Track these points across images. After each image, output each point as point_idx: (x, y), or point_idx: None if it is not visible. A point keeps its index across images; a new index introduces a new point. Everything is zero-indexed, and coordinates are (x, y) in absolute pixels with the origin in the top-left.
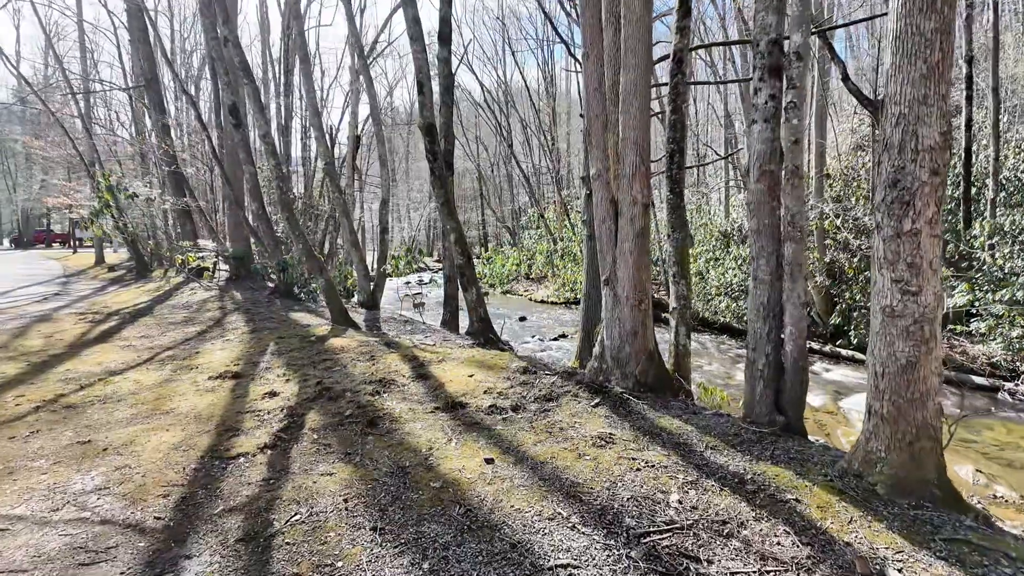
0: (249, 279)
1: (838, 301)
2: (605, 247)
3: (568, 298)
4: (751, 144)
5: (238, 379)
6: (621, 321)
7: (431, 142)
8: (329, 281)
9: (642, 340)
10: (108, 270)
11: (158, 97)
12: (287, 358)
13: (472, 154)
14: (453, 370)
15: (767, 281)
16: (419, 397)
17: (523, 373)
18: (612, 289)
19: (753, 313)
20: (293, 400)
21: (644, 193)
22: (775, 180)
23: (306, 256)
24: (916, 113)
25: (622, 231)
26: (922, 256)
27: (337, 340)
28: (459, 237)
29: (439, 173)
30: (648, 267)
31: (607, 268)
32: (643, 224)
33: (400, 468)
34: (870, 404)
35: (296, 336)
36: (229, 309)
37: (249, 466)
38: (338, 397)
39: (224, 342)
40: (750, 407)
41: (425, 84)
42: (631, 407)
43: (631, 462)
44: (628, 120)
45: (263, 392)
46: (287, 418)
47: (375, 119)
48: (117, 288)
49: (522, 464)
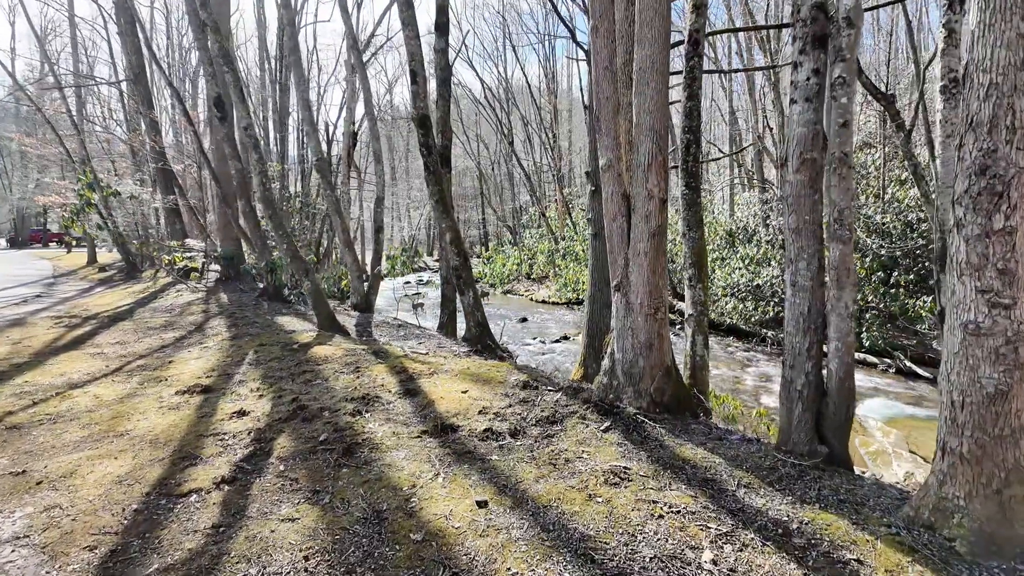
0: (239, 280)
1: None
2: (616, 248)
3: (570, 298)
4: (789, 128)
5: (207, 394)
6: (634, 332)
7: (425, 135)
8: (316, 284)
9: (658, 354)
10: (99, 270)
11: (146, 92)
12: (265, 369)
13: (472, 152)
14: (445, 384)
15: (808, 288)
16: (405, 418)
17: (523, 388)
18: (624, 296)
19: (791, 325)
20: (264, 421)
21: (661, 186)
22: (817, 170)
23: (291, 257)
24: (1012, 82)
25: (635, 230)
26: (1017, 260)
27: (322, 348)
28: (455, 237)
29: (433, 168)
30: (665, 271)
31: (618, 272)
32: (660, 222)
33: (376, 512)
34: (944, 440)
35: (278, 343)
36: (213, 313)
37: (200, 507)
38: (314, 417)
39: (201, 350)
40: (786, 433)
41: (418, 73)
42: (647, 432)
43: (651, 506)
44: (643, 102)
45: (232, 411)
46: (254, 443)
47: (369, 114)
48: (103, 289)
49: (521, 508)
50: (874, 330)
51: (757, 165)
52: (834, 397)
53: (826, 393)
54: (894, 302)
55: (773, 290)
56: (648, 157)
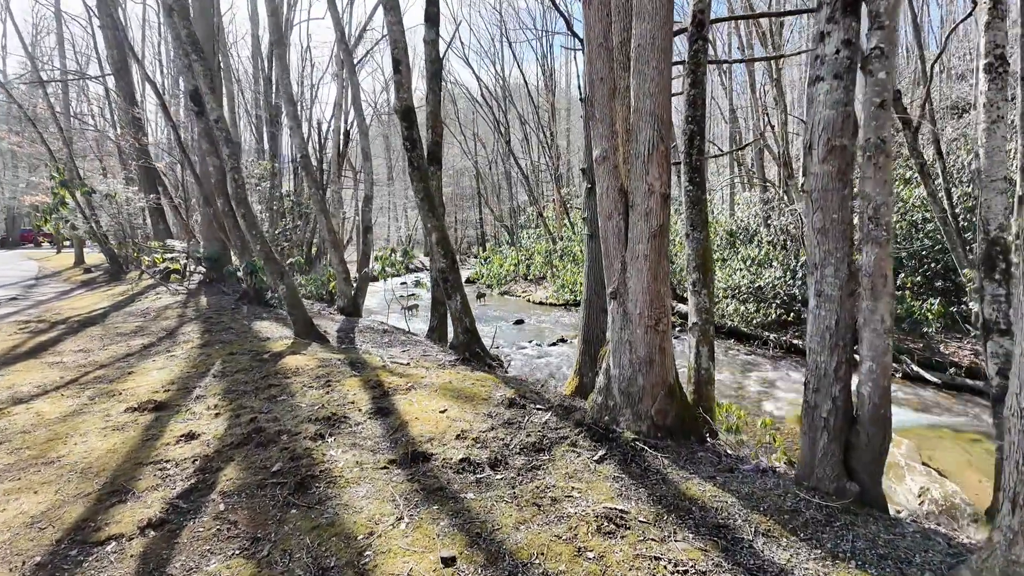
0: (223, 282)
1: None
2: (612, 250)
3: (568, 300)
4: (813, 111)
5: (160, 412)
6: (632, 346)
7: (408, 128)
8: (292, 288)
9: (660, 371)
10: (84, 272)
11: (128, 87)
12: (229, 382)
13: (470, 151)
14: (422, 402)
15: (836, 298)
16: (373, 443)
17: (508, 407)
18: (621, 304)
19: (815, 341)
20: (214, 445)
21: (663, 180)
22: (847, 159)
23: (264, 259)
24: None
25: (634, 229)
26: None
27: (294, 358)
28: (441, 237)
29: (418, 164)
30: (667, 276)
31: (614, 277)
32: (661, 220)
33: (321, 571)
34: (1015, 490)
35: (249, 352)
36: (189, 317)
37: (116, 560)
38: (270, 442)
39: (167, 359)
40: (809, 466)
41: (402, 61)
42: (647, 462)
43: (653, 564)
44: (643, 84)
45: (181, 433)
46: (197, 474)
47: (357, 110)
48: (83, 292)
49: (496, 566)
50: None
51: (758, 164)
52: (866, 426)
53: (856, 421)
54: (900, 304)
55: (775, 292)
56: (648, 146)
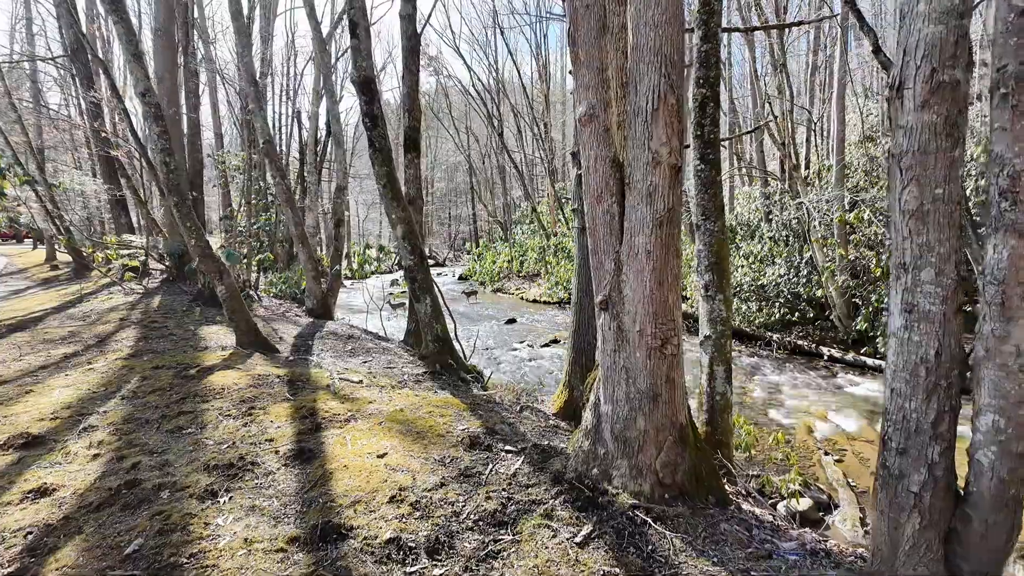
0: (184, 281)
1: (860, 304)
2: (602, 244)
3: (562, 298)
4: (907, 26)
5: (27, 450)
6: (630, 374)
7: (368, 103)
8: (232, 290)
9: (667, 409)
10: (51, 268)
11: (86, 69)
12: (136, 406)
13: (463, 145)
14: (361, 440)
15: (938, 316)
16: (279, 505)
17: (470, 448)
18: (614, 318)
19: (901, 378)
20: (67, 507)
21: (673, 145)
22: (960, 103)
23: (200, 256)
24: None
25: (632, 216)
26: None
27: (224, 375)
28: (408, 230)
29: (379, 144)
30: (677, 279)
31: (605, 281)
32: (670, 202)
33: None
34: None
35: (176, 367)
36: (132, 321)
37: None
38: (143, 501)
39: (83, 372)
40: (888, 559)
41: (359, 24)
42: (650, 544)
43: None
44: (644, 11)
45: (34, 486)
46: (19, 559)
47: (328, 92)
48: (38, 290)
49: None
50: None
51: (759, 156)
52: (984, 510)
53: (966, 500)
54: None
55: (779, 290)
56: (651, 99)
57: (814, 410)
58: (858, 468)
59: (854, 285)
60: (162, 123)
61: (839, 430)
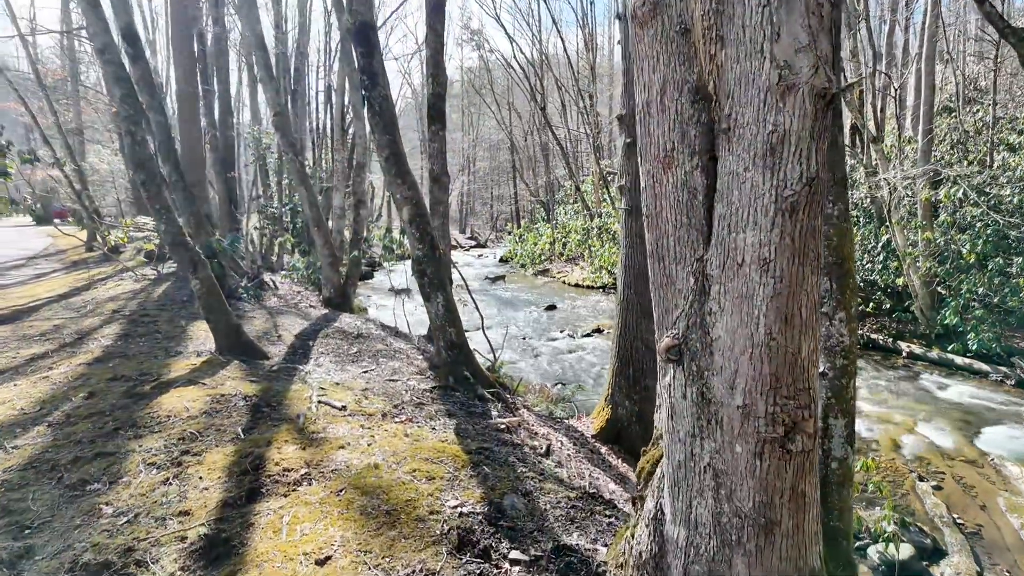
0: None
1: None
2: (671, 243)
3: (606, 283)
4: None
5: None
6: (723, 482)
7: (366, 55)
8: (208, 284)
9: (789, 545)
10: (87, 251)
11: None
12: (55, 439)
13: (504, 122)
14: (305, 521)
15: None
16: None
17: (457, 552)
18: (695, 378)
19: None
20: None
21: (822, 46)
22: None
23: (170, 244)
24: None
25: (736, 191)
26: None
27: (181, 394)
28: (416, 214)
29: (380, 107)
30: (816, 314)
31: (676, 310)
32: (811, 165)
33: None
34: None
35: (134, 379)
36: (125, 314)
37: None
38: None
39: (33, 383)
40: None
41: None
42: None
43: None
44: None
45: None
46: None
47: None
48: (62, 274)
49: None
50: (985, 330)
51: None
52: None
53: None
54: (1015, 296)
55: None
56: None
57: (898, 419)
58: (962, 498)
59: (941, 273)
60: (122, 86)
61: (932, 446)
